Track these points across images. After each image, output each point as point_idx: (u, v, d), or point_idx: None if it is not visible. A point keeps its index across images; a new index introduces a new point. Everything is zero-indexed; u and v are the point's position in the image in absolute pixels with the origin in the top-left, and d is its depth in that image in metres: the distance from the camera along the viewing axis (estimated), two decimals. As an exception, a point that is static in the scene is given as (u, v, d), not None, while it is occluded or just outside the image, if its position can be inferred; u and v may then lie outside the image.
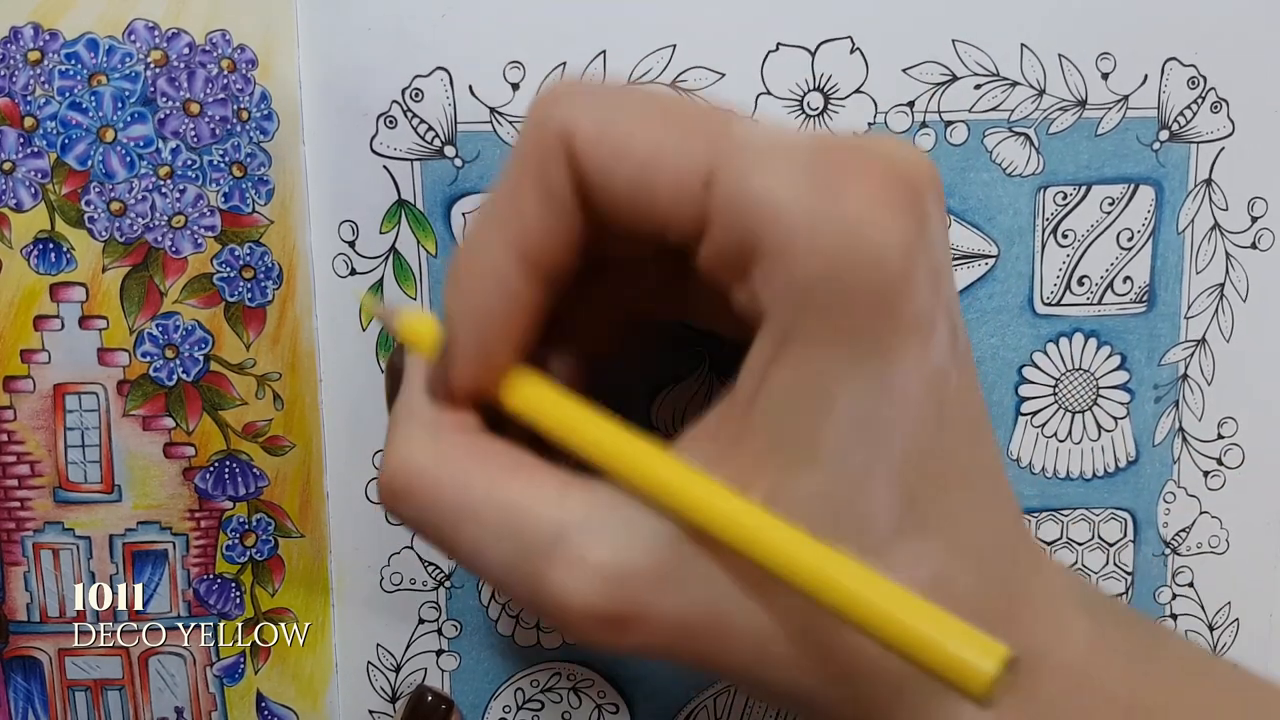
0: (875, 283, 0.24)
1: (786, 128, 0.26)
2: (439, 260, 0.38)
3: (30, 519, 0.39)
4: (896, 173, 0.24)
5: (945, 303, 0.25)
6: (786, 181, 0.24)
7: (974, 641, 0.22)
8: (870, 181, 0.24)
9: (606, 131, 0.25)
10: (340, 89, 0.37)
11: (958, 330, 0.26)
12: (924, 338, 0.25)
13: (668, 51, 0.37)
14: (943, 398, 0.25)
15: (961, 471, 0.26)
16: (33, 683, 0.40)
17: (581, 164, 0.26)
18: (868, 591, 0.23)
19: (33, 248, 0.37)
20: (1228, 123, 0.39)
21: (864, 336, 0.24)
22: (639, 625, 0.26)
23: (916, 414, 0.25)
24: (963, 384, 0.26)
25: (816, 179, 0.24)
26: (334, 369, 0.39)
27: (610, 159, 0.25)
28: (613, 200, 0.26)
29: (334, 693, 0.41)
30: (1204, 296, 0.40)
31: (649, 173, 0.25)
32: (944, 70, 0.38)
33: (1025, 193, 0.39)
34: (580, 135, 0.25)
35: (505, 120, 0.37)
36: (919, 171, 0.25)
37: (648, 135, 0.25)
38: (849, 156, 0.25)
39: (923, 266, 0.24)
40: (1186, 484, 0.41)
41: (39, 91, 0.36)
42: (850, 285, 0.24)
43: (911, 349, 0.25)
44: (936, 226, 0.25)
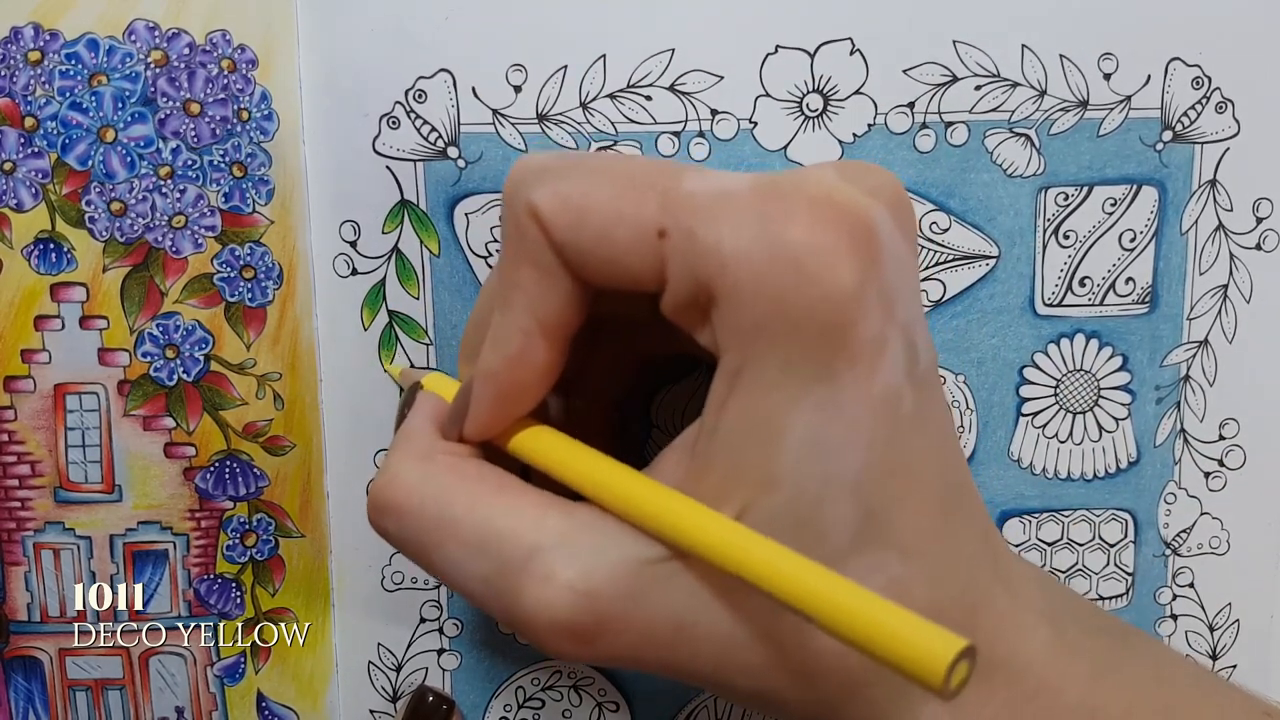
0: (818, 316, 0.25)
1: (736, 175, 0.27)
2: (442, 260, 0.38)
3: (31, 519, 0.39)
4: (836, 207, 0.26)
5: (901, 324, 0.27)
6: (732, 231, 0.26)
7: (931, 634, 0.23)
8: (808, 219, 0.26)
9: (565, 203, 0.27)
10: (341, 89, 0.37)
11: (917, 349, 0.27)
12: (872, 362, 0.26)
13: (667, 55, 0.37)
14: (895, 417, 0.27)
15: (920, 486, 0.27)
16: (33, 682, 0.40)
17: (551, 236, 0.28)
18: (830, 591, 0.24)
19: (33, 248, 0.37)
20: (1233, 123, 0.39)
21: (811, 365, 0.26)
22: (605, 638, 0.27)
23: (868, 433, 0.26)
24: (922, 401, 0.27)
25: (759, 225, 0.26)
26: (334, 369, 0.39)
27: (573, 227, 0.27)
28: (583, 262, 0.28)
29: (334, 693, 0.41)
30: (1207, 298, 0.40)
31: (608, 235, 0.27)
32: (944, 71, 0.38)
33: (1026, 193, 0.39)
34: (542, 211, 0.28)
35: (507, 122, 0.37)
36: (862, 201, 0.26)
37: (601, 201, 0.27)
38: (789, 199, 0.26)
39: (871, 294, 0.26)
40: (1187, 485, 0.41)
41: (39, 91, 0.36)
42: (794, 321, 0.25)
43: (859, 372, 0.26)
44: (891, 251, 0.26)
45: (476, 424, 0.31)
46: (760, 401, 0.26)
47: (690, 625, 0.27)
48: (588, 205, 0.27)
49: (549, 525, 0.28)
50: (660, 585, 0.27)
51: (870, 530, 0.27)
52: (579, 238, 0.27)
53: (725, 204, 0.26)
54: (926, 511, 0.28)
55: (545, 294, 0.29)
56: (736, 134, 0.38)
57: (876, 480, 0.27)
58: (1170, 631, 0.42)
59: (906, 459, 0.27)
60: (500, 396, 0.30)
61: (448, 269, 0.38)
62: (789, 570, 0.25)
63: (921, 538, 0.27)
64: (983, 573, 0.29)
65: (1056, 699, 0.28)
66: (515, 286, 0.29)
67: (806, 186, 0.26)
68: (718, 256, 0.26)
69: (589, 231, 0.27)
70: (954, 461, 0.29)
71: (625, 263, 0.27)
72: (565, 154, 0.31)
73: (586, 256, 0.28)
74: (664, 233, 0.27)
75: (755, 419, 0.26)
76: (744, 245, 0.26)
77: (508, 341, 0.29)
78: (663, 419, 0.40)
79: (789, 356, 0.26)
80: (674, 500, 0.27)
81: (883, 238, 0.26)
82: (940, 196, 0.38)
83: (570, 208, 0.27)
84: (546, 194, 0.28)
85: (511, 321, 0.29)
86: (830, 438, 0.26)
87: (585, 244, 0.27)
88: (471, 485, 0.30)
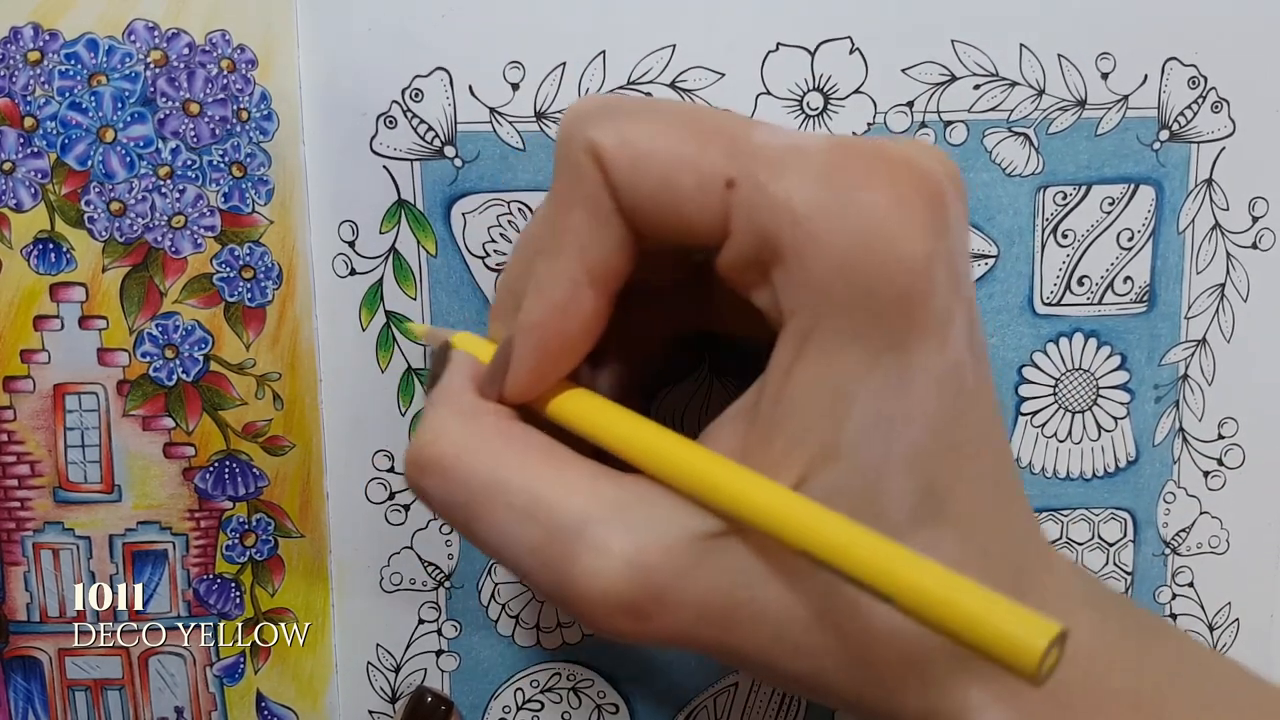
0: (894, 282, 0.24)
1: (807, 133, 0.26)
2: (439, 260, 0.38)
3: (30, 519, 0.39)
4: (915, 173, 0.25)
5: (964, 299, 0.26)
6: (805, 185, 0.25)
7: (1023, 619, 0.22)
8: (889, 183, 0.25)
9: (628, 145, 0.26)
10: (340, 89, 0.37)
11: (975, 325, 0.27)
12: (942, 334, 0.25)
13: (667, 52, 0.37)
14: (959, 392, 0.26)
15: (976, 464, 0.27)
16: (33, 683, 0.40)
17: (610, 178, 0.26)
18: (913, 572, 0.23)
19: (33, 248, 0.37)
20: (1228, 122, 0.39)
21: (883, 334, 0.25)
22: (660, 613, 0.26)
23: (934, 408, 0.25)
24: (978, 379, 0.27)
25: (835, 182, 0.25)
26: (334, 369, 0.39)
27: (634, 170, 0.26)
28: (640, 209, 0.26)
29: (334, 693, 0.41)
30: (1204, 296, 0.40)
31: (671, 181, 0.26)
32: (943, 70, 0.38)
33: (1025, 192, 0.39)
34: (604, 151, 0.26)
35: (505, 120, 0.38)
36: (938, 171, 0.25)
37: (668, 145, 0.26)
38: (867, 159, 0.25)
39: (942, 264, 0.25)
40: (1186, 484, 0.41)
41: (39, 91, 0.36)
42: (869, 285, 0.24)
43: (930, 345, 0.25)
44: (957, 224, 0.26)
45: (518, 381, 0.29)
46: (829, 368, 0.25)
47: (745, 603, 0.26)
48: (653, 148, 0.26)
49: (602, 495, 0.27)
50: (716, 560, 0.26)
51: (928, 507, 0.26)
52: (640, 182, 0.26)
53: (799, 158, 0.25)
54: (982, 490, 0.27)
55: (597, 240, 0.27)
56: (735, 133, 0.38)
57: (938, 456, 0.26)
58: (1170, 630, 0.42)
59: (966, 435, 0.26)
60: (544, 350, 0.29)
61: (444, 269, 0.38)
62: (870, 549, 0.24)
63: (977, 517, 0.27)
64: (1031, 555, 0.28)
65: (1102, 683, 0.28)
66: (565, 231, 0.27)
67: (884, 150, 0.25)
68: (789, 210, 0.25)
69: (651, 176, 0.26)
70: (1003, 440, 0.28)
71: (686, 212, 0.26)
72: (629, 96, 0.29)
73: (645, 203, 0.26)
74: (732, 182, 0.25)
75: (823, 386, 0.25)
76: (819, 201, 0.25)
77: (554, 289, 0.28)
78: (662, 420, 0.40)
79: (861, 322, 0.25)
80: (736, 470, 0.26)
81: (951, 209, 0.25)
82: (939, 195, 0.38)
83: (633, 150, 0.26)
84: (609, 133, 0.26)
85: (559, 268, 0.28)
86: (897, 410, 0.25)
87: (646, 189, 0.26)
88: (519, 447, 0.28)
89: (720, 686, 0.42)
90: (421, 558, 0.40)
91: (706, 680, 0.42)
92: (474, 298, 0.39)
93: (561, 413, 0.30)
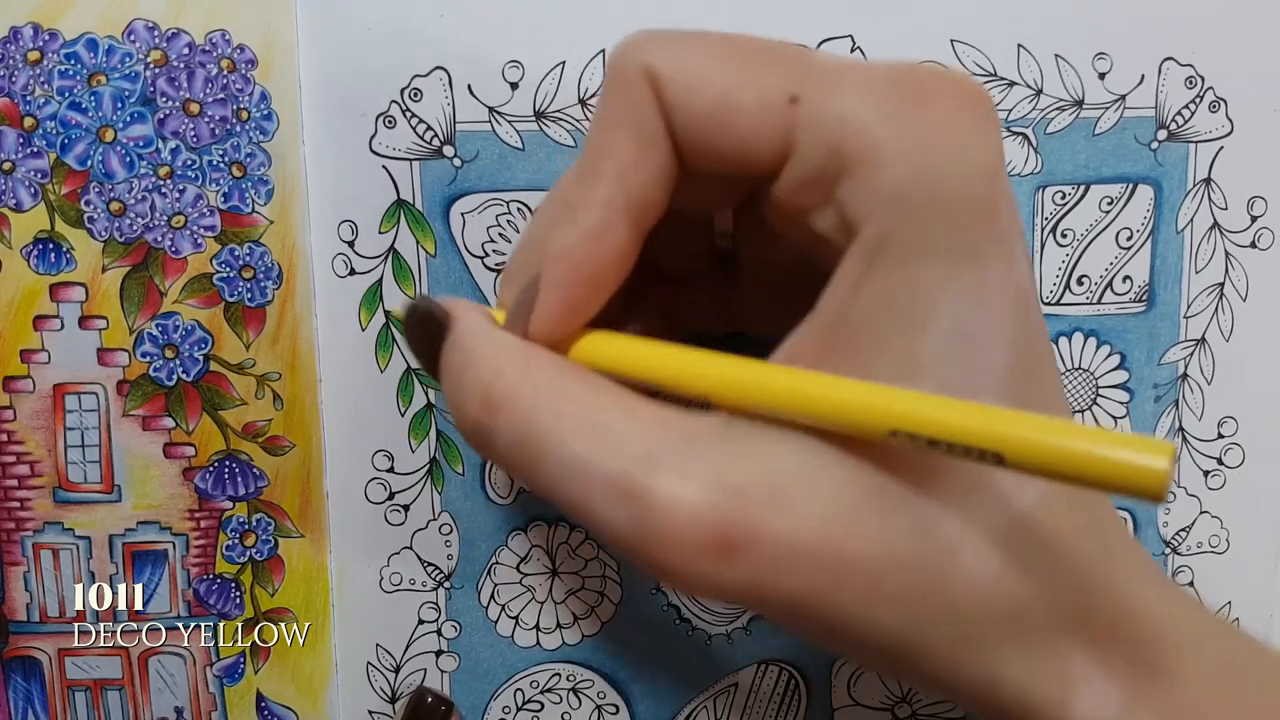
0: (970, 192, 0.24)
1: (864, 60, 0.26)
2: (438, 260, 0.38)
3: (30, 519, 0.39)
4: (976, 94, 0.25)
5: (1018, 226, 0.26)
6: (872, 98, 0.25)
7: (1137, 444, 0.21)
8: (954, 99, 0.25)
9: (686, 65, 0.26)
10: (340, 89, 0.37)
11: (1028, 257, 0.27)
12: (1011, 250, 0.25)
13: (666, 50, 0.37)
14: (1030, 309, 0.26)
15: (1046, 385, 0.26)
16: (33, 683, 0.40)
17: (666, 98, 0.26)
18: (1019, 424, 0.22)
19: (32, 248, 0.37)
20: (1226, 122, 0.39)
21: (961, 243, 0.24)
22: (748, 549, 0.24)
23: (1013, 323, 0.25)
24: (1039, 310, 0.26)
25: (902, 95, 0.25)
26: (334, 369, 0.39)
27: (691, 91, 0.26)
28: (695, 131, 0.26)
29: (334, 693, 0.41)
30: (1204, 296, 0.40)
31: (730, 100, 0.25)
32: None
33: (1024, 192, 0.39)
34: (661, 71, 0.26)
35: (504, 120, 0.38)
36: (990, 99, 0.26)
37: (727, 66, 0.26)
38: (929, 77, 0.25)
39: (1004, 182, 0.25)
40: (1186, 483, 0.41)
41: (39, 91, 0.37)
42: (945, 194, 0.24)
43: (1003, 260, 0.25)
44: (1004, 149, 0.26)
45: (547, 316, 0.27)
46: (905, 279, 0.24)
47: (839, 535, 0.24)
48: (711, 69, 0.26)
49: (676, 425, 0.25)
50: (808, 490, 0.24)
51: None
52: (697, 102, 0.26)
53: (864, 73, 0.25)
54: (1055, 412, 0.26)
55: (640, 165, 0.26)
56: (734, 133, 0.38)
57: (1020, 378, 0.25)
58: (1170, 630, 0.42)
59: (1039, 361, 0.26)
60: (576, 281, 0.27)
61: (444, 269, 0.38)
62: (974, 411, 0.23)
63: None
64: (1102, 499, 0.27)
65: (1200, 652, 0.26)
66: (607, 155, 0.27)
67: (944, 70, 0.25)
68: (859, 119, 0.24)
69: (709, 96, 0.26)
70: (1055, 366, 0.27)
71: (744, 132, 0.25)
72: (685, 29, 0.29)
73: (701, 124, 0.26)
74: (796, 99, 0.25)
75: (901, 298, 0.24)
76: (890, 111, 0.24)
77: (589, 213, 0.27)
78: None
79: (939, 232, 0.24)
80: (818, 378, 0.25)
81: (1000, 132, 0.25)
82: (937, 195, 0.39)
83: (691, 69, 0.26)
84: (667, 56, 0.26)
85: (596, 192, 0.27)
86: (979, 326, 0.24)
87: (703, 109, 0.26)
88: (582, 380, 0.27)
89: (720, 687, 0.42)
90: (421, 558, 0.40)
91: (706, 680, 0.42)
92: (473, 297, 0.39)
93: (592, 355, 0.28)
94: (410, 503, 0.40)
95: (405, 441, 0.39)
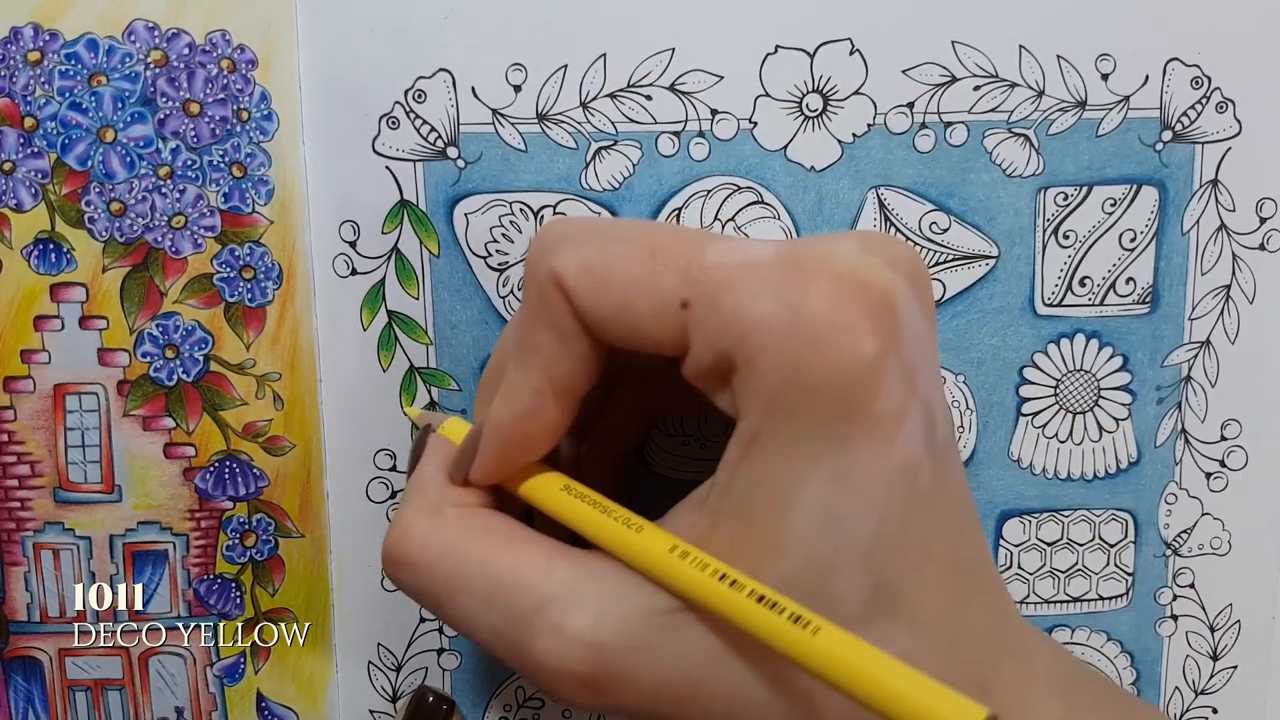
0: (834, 387, 0.26)
1: (759, 243, 0.28)
2: (441, 260, 0.38)
3: (30, 519, 0.39)
4: (858, 281, 0.26)
5: (922, 397, 0.27)
6: (754, 300, 0.26)
7: (954, 702, 0.23)
8: (830, 292, 0.26)
9: (589, 272, 0.28)
10: (341, 89, 0.37)
11: (936, 422, 0.27)
12: (889, 435, 0.26)
13: (667, 54, 0.37)
14: (911, 491, 0.27)
15: (934, 559, 0.28)
16: (33, 683, 0.40)
17: (574, 304, 0.28)
18: (851, 654, 0.24)
19: (33, 248, 0.37)
20: (1234, 123, 0.39)
21: (825, 436, 0.26)
22: (617, 689, 0.27)
23: (882, 505, 0.26)
24: (939, 476, 0.28)
25: (781, 295, 0.26)
26: (334, 369, 0.39)
27: (595, 295, 0.28)
28: (604, 328, 0.28)
29: (334, 693, 0.41)
30: (1209, 298, 0.40)
31: (630, 304, 0.28)
32: (943, 71, 0.38)
33: (1025, 193, 0.38)
34: (568, 278, 0.28)
35: (507, 121, 0.37)
36: (884, 275, 0.27)
37: (626, 271, 0.28)
38: (812, 270, 0.26)
39: (891, 366, 0.26)
40: (1188, 485, 0.41)
41: (39, 92, 0.37)
42: (811, 389, 0.26)
43: (876, 446, 0.26)
44: (911, 327, 0.27)
45: (482, 470, 0.31)
46: (773, 468, 0.27)
47: (702, 680, 0.27)
48: (611, 275, 0.28)
49: (557, 575, 0.29)
50: (671, 637, 0.27)
51: (880, 601, 0.27)
52: (601, 306, 0.28)
53: (748, 274, 0.27)
54: (939, 585, 0.28)
55: (561, 357, 0.29)
56: (736, 134, 0.38)
57: (889, 552, 0.27)
58: (1171, 632, 0.42)
59: (921, 532, 0.27)
60: (507, 447, 0.31)
61: (447, 269, 0.38)
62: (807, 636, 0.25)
63: (933, 611, 0.27)
64: (995, 647, 0.29)
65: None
66: (532, 347, 0.29)
67: (830, 259, 0.27)
68: (740, 326, 0.26)
69: (611, 300, 0.28)
70: (971, 535, 0.29)
71: (647, 330, 0.28)
72: (591, 221, 0.31)
73: (608, 323, 0.28)
74: (687, 303, 0.27)
75: (767, 485, 0.27)
76: (766, 315, 0.26)
77: (519, 398, 0.30)
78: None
79: (804, 425, 0.26)
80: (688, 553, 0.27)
81: (903, 312, 0.26)
82: (940, 196, 0.38)
83: (594, 277, 0.28)
84: (571, 262, 0.28)
85: (524, 379, 0.30)
86: (843, 507, 0.26)
87: (607, 312, 0.28)
88: (480, 537, 0.30)
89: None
90: (422, 558, 0.40)
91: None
92: (476, 297, 0.39)
93: (528, 494, 0.32)
94: (411, 503, 0.40)
95: (406, 441, 0.39)
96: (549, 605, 0.28)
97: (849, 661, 0.24)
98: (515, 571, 0.29)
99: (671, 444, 0.40)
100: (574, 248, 0.28)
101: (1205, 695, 0.42)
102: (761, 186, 0.38)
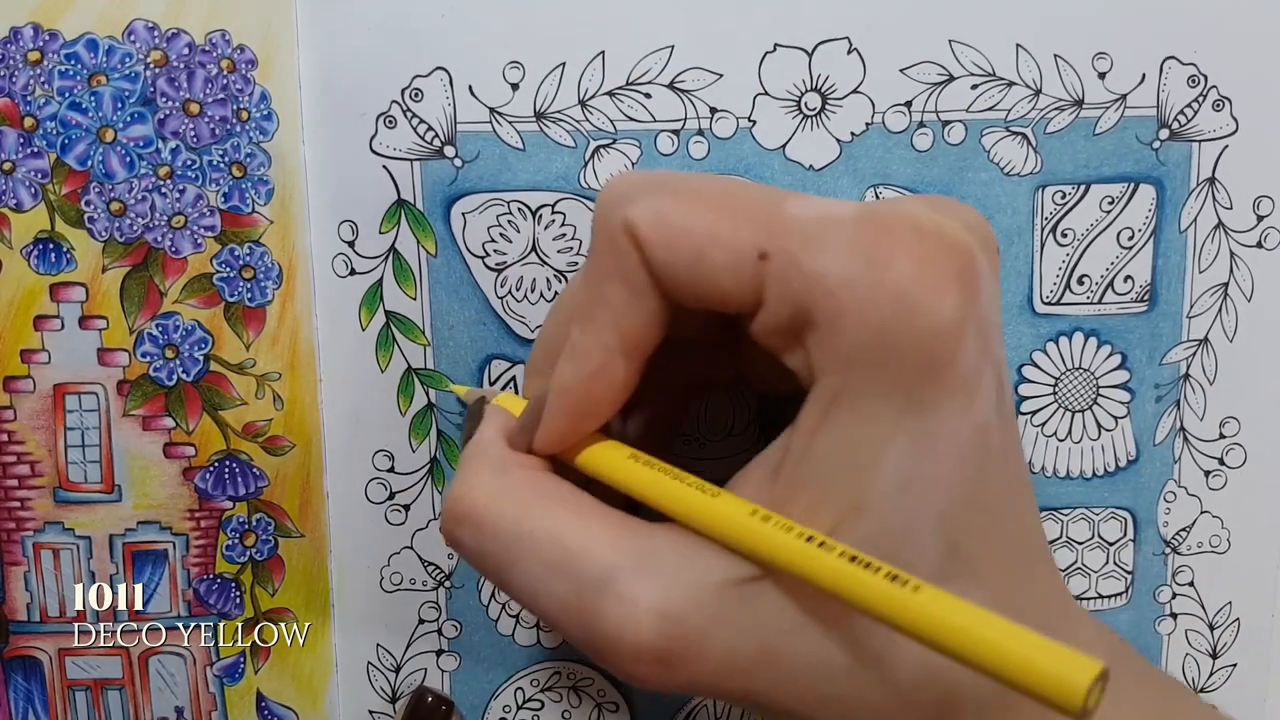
0: (921, 347, 0.25)
1: (839, 201, 0.28)
2: (439, 260, 0.38)
3: (30, 519, 0.39)
4: (943, 241, 0.26)
5: (993, 361, 0.27)
6: (837, 255, 0.26)
7: (1067, 657, 0.22)
8: (917, 251, 0.26)
9: (664, 222, 0.27)
10: (340, 89, 0.37)
11: (1004, 386, 0.27)
12: (968, 396, 0.26)
13: (666, 52, 0.37)
14: (986, 453, 0.27)
15: (1001, 524, 0.27)
16: (33, 682, 0.40)
17: (647, 255, 0.28)
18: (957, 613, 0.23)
19: (33, 248, 0.37)
20: (1231, 120, 0.39)
21: (908, 396, 0.26)
22: (689, 662, 0.26)
23: (960, 468, 0.26)
24: (1005, 440, 0.27)
25: (866, 251, 0.26)
26: (334, 369, 0.39)
27: (669, 247, 0.27)
28: (676, 282, 0.28)
29: (334, 693, 0.41)
30: (1207, 296, 0.40)
31: (705, 256, 0.27)
32: (941, 70, 0.38)
33: (1023, 192, 0.39)
34: (640, 230, 0.27)
35: (504, 120, 0.38)
36: (966, 237, 0.26)
37: (702, 221, 0.27)
38: (896, 228, 0.26)
39: (970, 329, 0.26)
40: (1187, 483, 0.41)
41: (39, 91, 0.37)
42: (896, 350, 0.25)
43: (956, 407, 0.26)
44: (987, 288, 0.26)
45: (548, 437, 0.30)
46: (856, 428, 0.26)
47: (776, 650, 0.27)
48: (687, 225, 0.27)
49: (629, 545, 0.28)
50: (746, 607, 0.27)
51: (954, 565, 0.26)
52: (675, 258, 0.27)
53: (831, 229, 0.26)
54: (1008, 549, 0.27)
55: (632, 312, 0.28)
56: (735, 132, 0.38)
57: (961, 514, 0.26)
58: (1170, 630, 0.42)
59: (991, 496, 0.27)
60: (574, 411, 0.30)
61: (444, 269, 0.38)
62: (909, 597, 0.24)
63: (1003, 575, 0.27)
64: (1056, 612, 0.29)
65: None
66: (601, 303, 0.29)
67: (914, 219, 0.26)
68: (822, 282, 0.26)
69: (685, 252, 0.27)
70: (1030, 500, 0.29)
71: (720, 284, 0.27)
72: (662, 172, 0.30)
73: (681, 276, 0.27)
74: (765, 255, 0.26)
75: (850, 445, 0.26)
76: (851, 272, 0.26)
77: (587, 357, 0.29)
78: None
79: (888, 385, 0.26)
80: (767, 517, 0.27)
81: (982, 274, 0.26)
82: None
83: (668, 227, 0.27)
84: (645, 212, 0.27)
85: (593, 337, 0.29)
86: (923, 468, 0.26)
87: (681, 264, 0.27)
88: (549, 501, 0.29)
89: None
90: (421, 558, 0.40)
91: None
92: (473, 297, 0.39)
93: (590, 464, 0.30)
94: (411, 502, 0.40)
95: (406, 441, 0.39)
96: (619, 575, 0.27)
97: (954, 620, 0.23)
98: (584, 538, 0.28)
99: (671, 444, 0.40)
100: (648, 198, 0.28)
101: (1205, 693, 0.42)
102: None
